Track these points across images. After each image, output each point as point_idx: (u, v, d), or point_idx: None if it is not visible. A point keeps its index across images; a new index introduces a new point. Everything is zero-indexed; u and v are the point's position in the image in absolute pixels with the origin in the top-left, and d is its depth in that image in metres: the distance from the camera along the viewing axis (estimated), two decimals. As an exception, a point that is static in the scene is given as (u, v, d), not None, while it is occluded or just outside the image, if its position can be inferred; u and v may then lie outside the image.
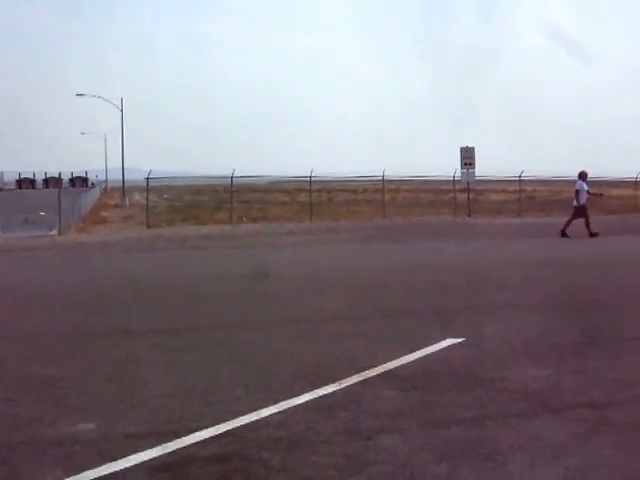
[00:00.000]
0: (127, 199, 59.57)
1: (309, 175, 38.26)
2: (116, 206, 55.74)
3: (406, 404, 6.71)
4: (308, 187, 38.91)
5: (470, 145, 38.08)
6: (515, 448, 5.56)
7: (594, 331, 9.91)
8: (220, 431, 5.91)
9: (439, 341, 8.99)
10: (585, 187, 27.05)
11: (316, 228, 31.45)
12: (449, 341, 9.02)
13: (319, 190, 52.16)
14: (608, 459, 5.36)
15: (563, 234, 26.11)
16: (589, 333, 9.81)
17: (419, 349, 8.60)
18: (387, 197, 42.27)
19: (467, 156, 37.76)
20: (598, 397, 6.90)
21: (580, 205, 26.69)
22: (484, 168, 43.39)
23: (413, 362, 8.15)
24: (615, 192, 47.65)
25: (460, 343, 9.02)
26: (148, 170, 35.94)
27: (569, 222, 26.66)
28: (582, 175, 27.34)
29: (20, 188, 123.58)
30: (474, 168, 38.02)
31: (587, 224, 26.46)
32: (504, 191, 57.29)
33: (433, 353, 8.56)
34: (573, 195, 27.33)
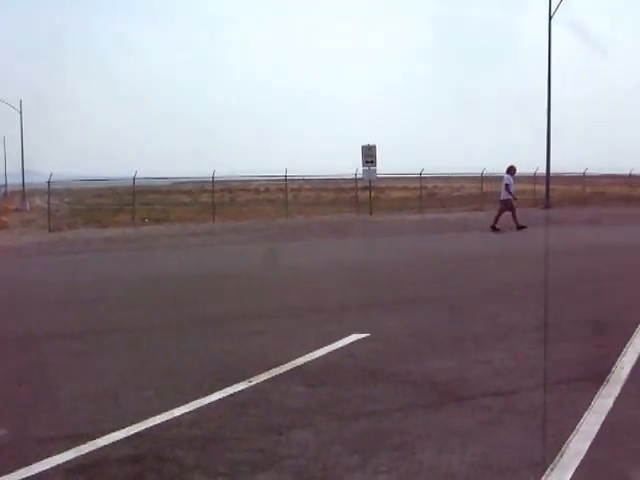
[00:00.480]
0: (28, 203, 58.32)
1: (212, 175, 38.14)
2: (16, 210, 54.46)
3: (315, 399, 6.81)
4: (209, 188, 38.74)
5: (372, 143, 38.39)
6: (423, 438, 5.72)
7: (496, 323, 10.21)
8: (133, 432, 5.91)
9: (344, 337, 9.13)
10: (512, 181, 27.67)
11: (219, 228, 31.36)
12: (354, 336, 9.17)
13: (221, 190, 51.98)
14: (513, 445, 5.57)
15: (493, 228, 26.72)
16: (491, 325, 10.09)
17: (325, 345, 8.73)
18: (289, 196, 42.40)
19: (368, 154, 38.10)
20: (502, 386, 7.13)
21: (507, 199, 27.22)
22: (387, 166, 44.03)
23: (320, 358, 8.28)
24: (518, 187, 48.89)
25: (365, 338, 9.17)
26: (49, 173, 35.20)
27: (498, 217, 27.20)
28: (510, 170, 27.85)
29: None
30: (375, 166, 38.39)
31: (514, 218, 26.99)
32: (405, 188, 58.12)
33: (339, 349, 8.69)
34: (503, 189, 27.73)
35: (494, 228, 26.69)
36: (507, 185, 27.29)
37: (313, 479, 5.03)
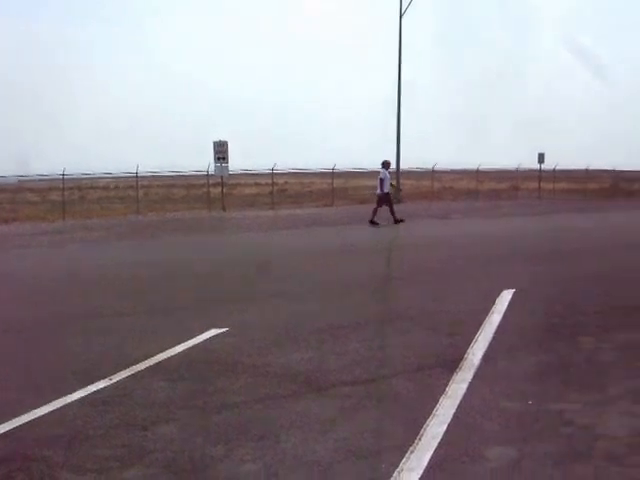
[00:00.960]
0: None
1: (62, 173, 37.21)
2: None
3: (177, 394, 6.89)
4: (59, 186, 37.82)
5: (223, 139, 38.30)
6: (286, 427, 5.88)
7: (353, 314, 10.49)
8: (-3, 433, 5.85)
9: (203, 332, 9.21)
10: (388, 176, 28.10)
11: (70, 227, 30.65)
12: (213, 331, 9.27)
13: (70, 188, 50.77)
14: (373, 430, 5.82)
15: (372, 222, 27.02)
16: (348, 316, 10.35)
17: (185, 341, 8.79)
18: (140, 193, 41.83)
19: (220, 150, 38.01)
20: (360, 375, 7.38)
21: (384, 193, 27.58)
22: (240, 162, 44.04)
23: (180, 353, 8.34)
24: (365, 183, 49.86)
25: (224, 332, 9.28)
26: None
27: (375, 210, 27.48)
28: (385, 164, 28.27)
29: None
30: (227, 162, 38.33)
31: (391, 211, 27.40)
32: (257, 184, 58.29)
33: (199, 344, 8.77)
34: (378, 184, 28.03)
35: (372, 222, 27.06)
36: (382, 180, 27.74)
37: (181, 471, 5.11)
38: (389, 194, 27.81)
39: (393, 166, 34.70)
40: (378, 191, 27.91)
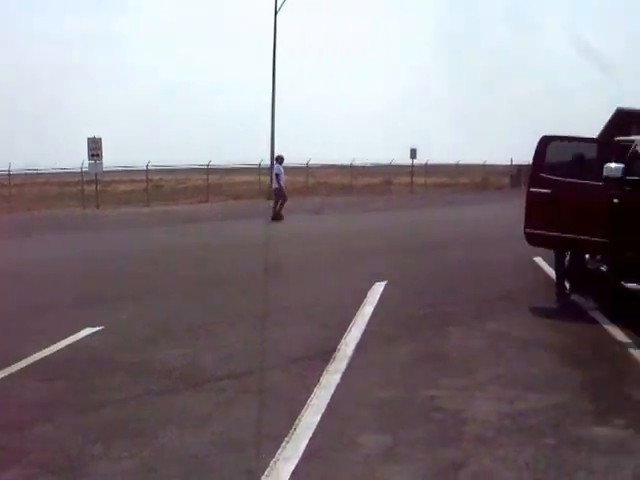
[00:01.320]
0: None
1: None
2: None
3: (54, 393, 6.87)
4: None
5: (97, 136, 37.65)
6: (163, 422, 5.98)
7: (228, 310, 10.60)
8: None
9: (79, 331, 9.16)
10: (282, 170, 27.99)
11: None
12: (88, 330, 9.23)
13: None
14: (249, 422, 5.97)
15: (275, 217, 26.94)
16: (223, 312, 10.47)
17: (60, 340, 8.73)
18: (13, 191, 40.73)
19: (94, 147, 37.36)
20: (235, 369, 7.52)
21: (280, 187, 27.57)
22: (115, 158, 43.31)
23: (56, 353, 8.28)
24: (242, 178, 49.92)
25: (99, 331, 9.26)
26: None
27: (276, 205, 27.43)
28: (279, 159, 28.30)
29: None
30: (102, 159, 37.72)
31: (279, 206, 27.34)
32: (132, 181, 57.43)
33: (74, 343, 8.73)
34: (274, 179, 28.13)
35: (275, 218, 27.02)
36: (277, 175, 27.79)
37: (59, 470, 5.13)
38: (283, 189, 27.83)
39: (248, 162, 34.42)
40: (275, 185, 27.99)
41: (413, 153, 50.29)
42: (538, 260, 14.12)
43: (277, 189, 27.83)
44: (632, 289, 9.37)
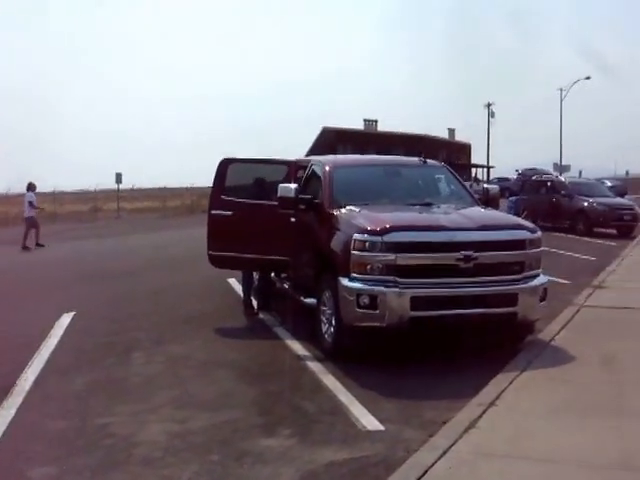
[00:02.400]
0: None
1: None
2: None
3: None
4: None
5: None
6: None
7: None
8: None
9: None
10: (35, 198, 27.39)
11: None
12: None
13: None
14: None
15: (25, 247, 25.91)
16: None
17: None
18: None
19: None
20: None
21: (31, 216, 26.84)
22: None
23: None
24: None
25: None
26: None
27: (26, 234, 26.48)
28: (31, 187, 27.52)
29: None
30: None
31: (27, 236, 26.44)
32: None
33: None
34: (25, 207, 27.30)
35: (25, 247, 26.01)
36: (30, 202, 27.05)
37: None
38: (35, 217, 27.18)
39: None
40: (26, 214, 27.14)
41: (119, 178, 49.37)
42: (232, 281, 14.40)
43: (29, 218, 27.04)
44: (310, 305, 9.78)
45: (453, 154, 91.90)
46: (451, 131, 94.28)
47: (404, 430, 6.41)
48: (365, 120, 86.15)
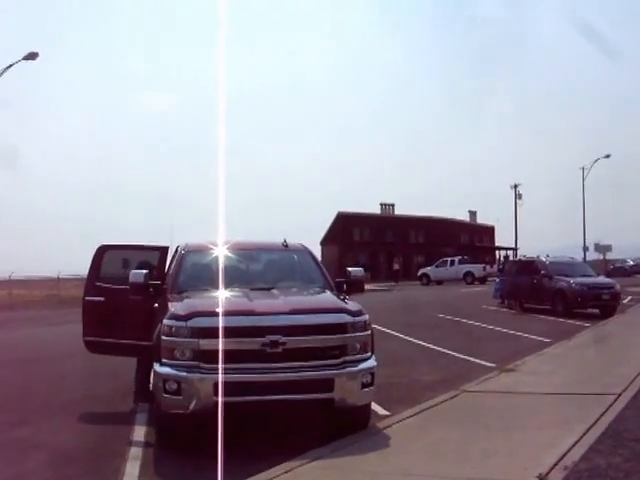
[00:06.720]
0: None
1: None
2: None
3: None
4: None
5: None
6: None
7: None
8: None
9: None
10: None
11: None
12: None
13: None
14: None
15: None
16: None
17: None
18: None
19: None
20: None
21: None
22: None
23: None
24: None
25: None
26: None
27: None
28: None
29: None
30: None
31: None
32: None
33: None
34: None
35: None
36: None
37: None
38: None
39: None
40: None
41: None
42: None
43: None
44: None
45: (475, 237, 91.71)
46: (472, 213, 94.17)
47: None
48: (382, 204, 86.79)
